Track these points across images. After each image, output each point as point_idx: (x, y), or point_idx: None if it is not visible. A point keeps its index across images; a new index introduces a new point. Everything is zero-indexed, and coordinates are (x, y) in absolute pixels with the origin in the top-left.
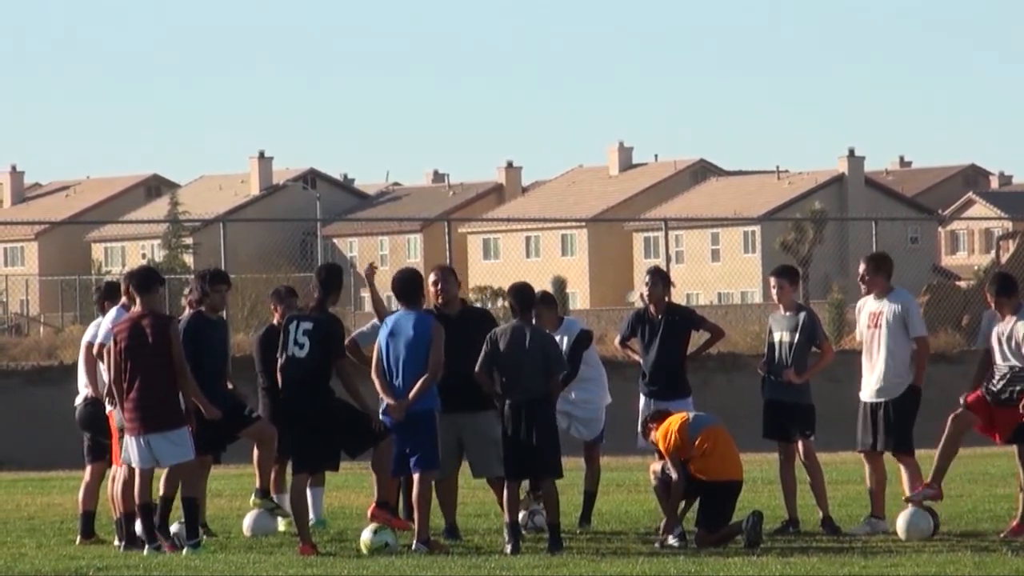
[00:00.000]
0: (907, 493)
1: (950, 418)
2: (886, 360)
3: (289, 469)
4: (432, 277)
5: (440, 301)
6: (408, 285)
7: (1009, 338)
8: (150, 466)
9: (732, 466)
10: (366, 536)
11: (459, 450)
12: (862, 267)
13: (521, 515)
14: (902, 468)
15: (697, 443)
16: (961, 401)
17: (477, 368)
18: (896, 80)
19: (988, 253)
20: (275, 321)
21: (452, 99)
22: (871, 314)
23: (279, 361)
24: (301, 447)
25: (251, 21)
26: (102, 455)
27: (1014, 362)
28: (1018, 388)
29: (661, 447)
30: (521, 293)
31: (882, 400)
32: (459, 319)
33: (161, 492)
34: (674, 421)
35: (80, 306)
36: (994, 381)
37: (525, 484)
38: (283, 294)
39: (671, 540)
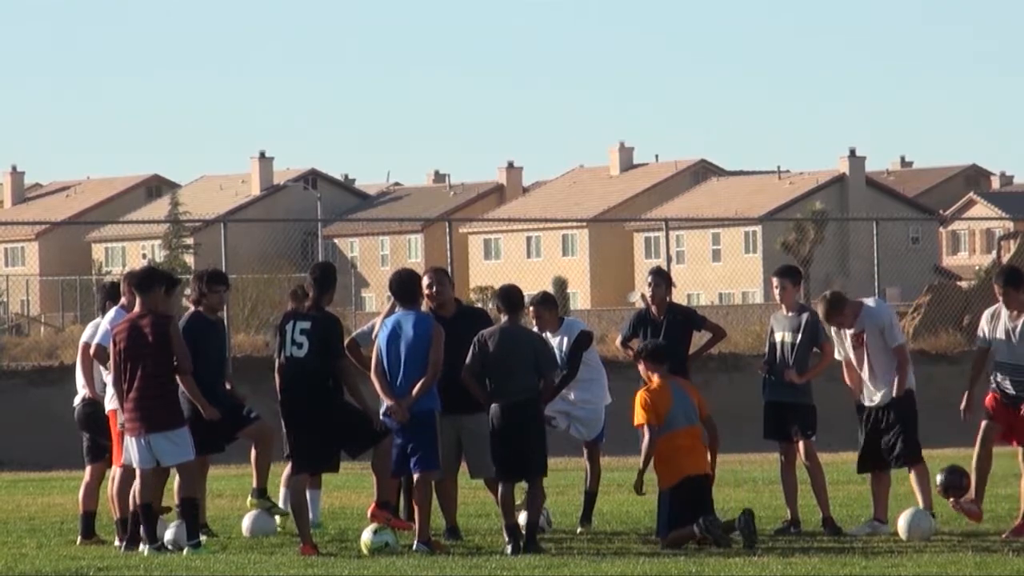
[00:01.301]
0: (919, 498)
1: (981, 434)
2: (874, 372)
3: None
4: (426, 280)
5: (435, 304)
6: (406, 286)
7: (1020, 334)
8: (151, 466)
9: (690, 465)
10: (366, 536)
11: (459, 451)
12: (820, 311)
13: (522, 516)
14: (913, 475)
15: (660, 441)
16: (985, 412)
17: (464, 370)
18: (897, 80)
19: (989, 253)
20: None
21: (453, 99)
22: (854, 335)
23: (277, 362)
24: (301, 447)
25: (251, 21)
26: (101, 455)
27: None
28: None
29: (637, 403)
30: (508, 295)
31: (883, 405)
32: (455, 321)
33: (179, 497)
34: (655, 403)
35: (80, 306)
36: (1008, 385)
37: (524, 485)
38: (300, 295)
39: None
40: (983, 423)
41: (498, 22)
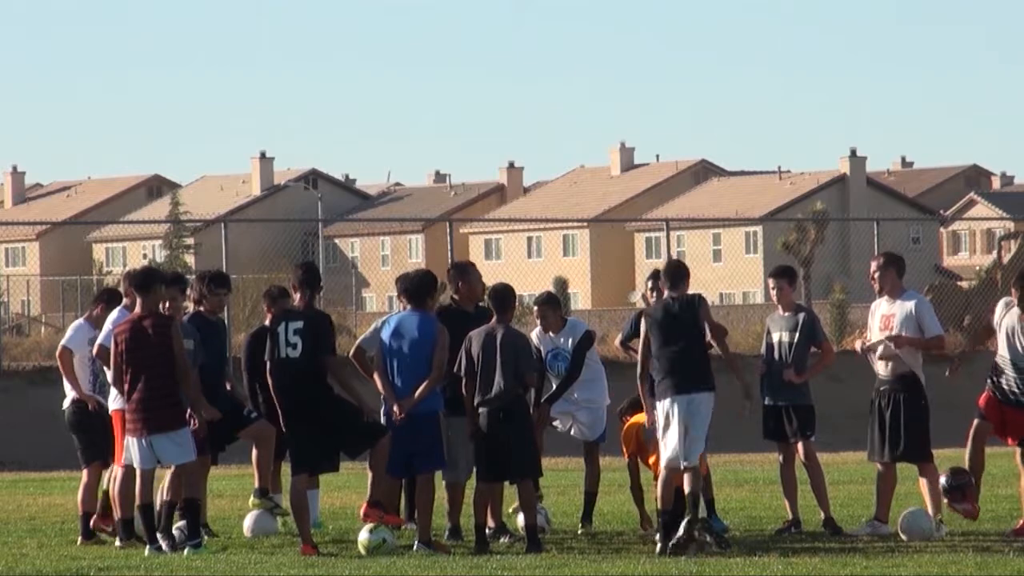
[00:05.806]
0: (928, 503)
1: (972, 432)
2: (896, 359)
3: (284, 469)
4: (457, 272)
5: (459, 295)
6: (421, 286)
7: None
8: (152, 467)
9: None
10: (363, 536)
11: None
12: (872, 265)
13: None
14: (923, 481)
15: (651, 452)
16: (977, 411)
17: (455, 368)
18: (898, 80)
19: (990, 253)
20: (267, 322)
21: (454, 99)
22: (883, 316)
23: (268, 363)
24: (300, 448)
25: (252, 21)
26: (97, 456)
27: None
28: None
29: (624, 449)
30: (498, 294)
31: (898, 376)
32: (474, 317)
33: (166, 497)
34: (633, 426)
35: (81, 306)
36: (1003, 382)
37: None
38: (275, 295)
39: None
40: (975, 422)
41: (498, 22)
